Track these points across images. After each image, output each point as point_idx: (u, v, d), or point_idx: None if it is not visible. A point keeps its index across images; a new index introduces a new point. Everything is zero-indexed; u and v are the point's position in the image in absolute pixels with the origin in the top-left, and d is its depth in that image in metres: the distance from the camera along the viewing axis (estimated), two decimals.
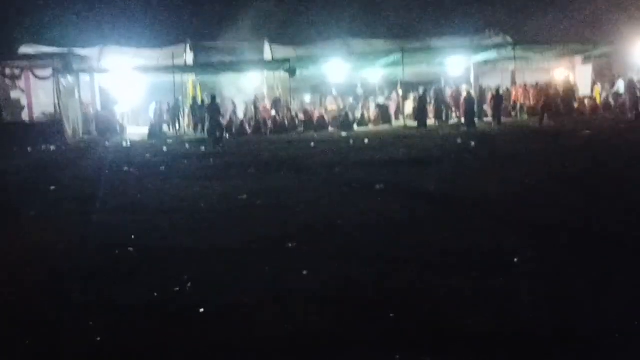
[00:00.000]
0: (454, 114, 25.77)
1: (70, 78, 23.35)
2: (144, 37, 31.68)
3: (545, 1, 35.82)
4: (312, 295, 4.51)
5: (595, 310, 3.97)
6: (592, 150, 12.81)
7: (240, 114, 25.56)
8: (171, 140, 20.90)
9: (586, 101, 24.93)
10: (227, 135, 22.70)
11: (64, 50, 24.67)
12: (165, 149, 17.83)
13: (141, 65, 24.73)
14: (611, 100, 25.09)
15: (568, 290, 4.35)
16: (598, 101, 24.99)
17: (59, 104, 21.40)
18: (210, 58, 28.32)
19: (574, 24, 34.66)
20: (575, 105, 24.30)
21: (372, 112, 25.35)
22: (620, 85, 25.01)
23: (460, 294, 4.35)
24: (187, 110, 26.20)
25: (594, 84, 26.60)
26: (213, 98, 19.62)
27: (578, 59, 27.83)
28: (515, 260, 5.04)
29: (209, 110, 19.38)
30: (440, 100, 24.78)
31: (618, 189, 8.08)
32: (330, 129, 23.80)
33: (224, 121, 23.98)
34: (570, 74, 28.13)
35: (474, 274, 4.76)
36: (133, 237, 6.57)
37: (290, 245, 5.94)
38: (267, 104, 25.98)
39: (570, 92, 23.57)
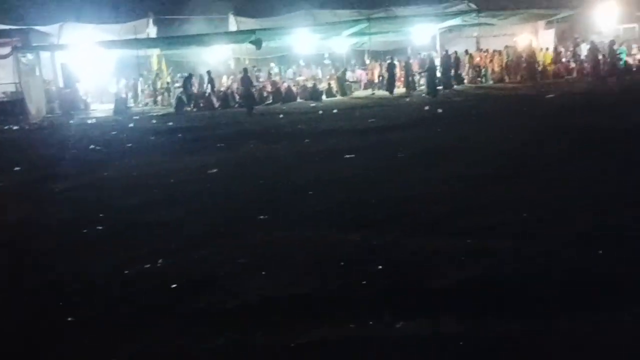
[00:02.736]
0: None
1: (30, 56, 22.73)
2: (105, 12, 30.88)
3: None
4: (290, 261, 4.61)
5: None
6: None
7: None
8: (137, 117, 20.60)
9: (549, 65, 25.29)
10: (195, 109, 22.50)
11: (23, 27, 23.97)
12: (131, 125, 17.60)
13: (103, 40, 24.17)
14: (572, 64, 25.51)
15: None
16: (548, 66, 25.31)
17: (19, 82, 20.85)
18: (175, 32, 27.88)
19: None
20: (539, 69, 24.64)
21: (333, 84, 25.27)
22: (584, 49, 25.46)
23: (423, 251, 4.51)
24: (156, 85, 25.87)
25: (555, 48, 26.99)
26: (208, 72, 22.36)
27: (541, 23, 28.14)
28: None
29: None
30: (407, 69, 24.86)
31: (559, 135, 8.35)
32: (299, 100, 23.75)
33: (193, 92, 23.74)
34: (534, 38, 28.45)
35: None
36: (101, 215, 6.54)
37: (261, 217, 6.01)
38: (235, 77, 25.75)
39: (533, 56, 23.88)
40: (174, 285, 4.25)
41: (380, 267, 4.29)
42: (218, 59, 26.88)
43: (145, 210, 6.64)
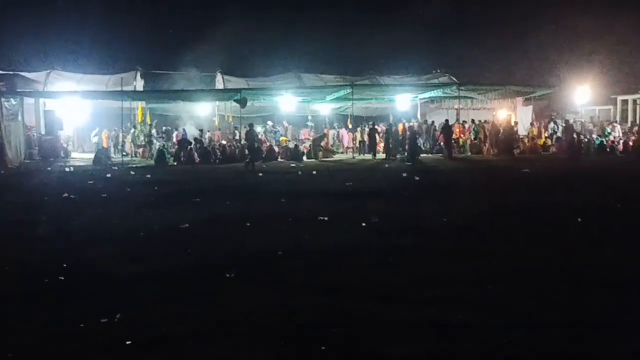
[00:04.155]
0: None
1: (14, 101, 22.78)
2: (94, 63, 31.39)
3: (490, 46, 37.49)
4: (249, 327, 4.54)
5: None
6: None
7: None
8: (117, 168, 20.55)
9: (526, 140, 25.96)
10: (175, 162, 22.55)
11: (9, 72, 24.15)
12: (109, 175, 17.52)
13: (89, 90, 24.41)
14: (548, 140, 26.24)
15: None
16: (539, 141, 26.08)
17: (0, 127, 20.78)
18: (161, 86, 28.32)
19: (517, 67, 36.38)
20: (517, 143, 25.25)
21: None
22: (554, 127, 26.38)
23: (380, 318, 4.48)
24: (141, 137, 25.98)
25: (532, 124, 27.84)
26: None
27: (520, 100, 29.07)
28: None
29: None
30: (388, 135, 25.32)
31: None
32: (280, 159, 23.93)
33: (172, 148, 23.91)
34: (512, 114, 29.32)
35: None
36: (65, 265, 6.42)
37: (228, 275, 5.95)
38: (218, 133, 26.01)
39: (511, 131, 24.54)
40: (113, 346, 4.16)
41: (335, 331, 4.25)
42: (203, 115, 27.21)
43: (108, 263, 6.54)
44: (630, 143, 23.76)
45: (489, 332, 4.27)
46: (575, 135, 22.95)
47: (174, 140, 24.72)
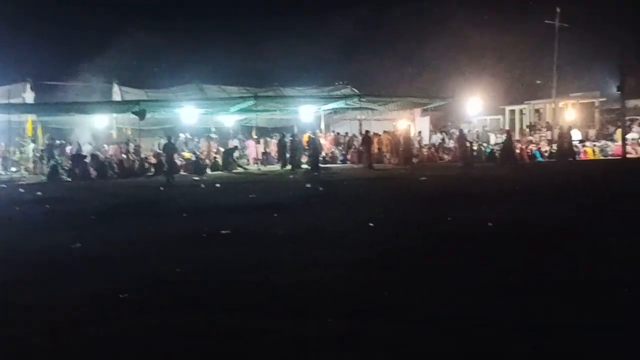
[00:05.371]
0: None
1: None
2: None
3: (391, 59, 38.85)
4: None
5: None
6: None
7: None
8: (5, 185, 19.23)
9: (424, 150, 27.06)
10: (70, 178, 21.47)
11: None
12: None
13: None
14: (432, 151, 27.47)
15: None
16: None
17: None
18: (55, 98, 26.87)
19: (415, 80, 37.95)
20: (415, 152, 26.27)
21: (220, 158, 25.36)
22: (441, 136, 28.02)
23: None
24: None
25: (432, 133, 29.17)
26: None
27: (418, 111, 30.31)
28: None
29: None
30: (294, 146, 25.49)
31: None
32: (183, 173, 23.41)
33: (66, 163, 22.78)
34: (412, 124, 30.50)
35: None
36: None
37: (121, 296, 5.71)
38: (115, 147, 25.05)
39: (409, 141, 25.48)
40: None
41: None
42: (100, 127, 26.10)
43: None
44: (518, 151, 25.34)
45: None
46: (468, 144, 24.18)
47: (68, 154, 23.53)
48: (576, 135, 28.04)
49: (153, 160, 24.17)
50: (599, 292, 5.31)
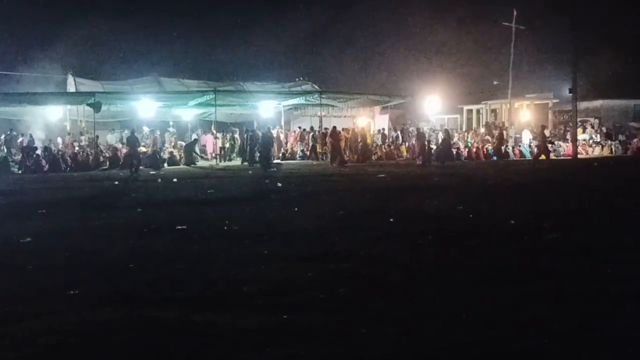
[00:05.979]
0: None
1: None
2: None
3: (351, 56, 39.09)
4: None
5: None
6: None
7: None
8: None
9: (383, 147, 27.30)
10: (21, 171, 20.85)
11: None
12: None
13: None
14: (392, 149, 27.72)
15: None
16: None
17: None
18: (5, 88, 26.06)
19: (375, 78, 38.27)
20: (374, 150, 26.48)
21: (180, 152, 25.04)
22: (395, 135, 28.45)
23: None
24: None
25: (391, 131, 29.42)
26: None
27: (377, 108, 30.55)
28: None
29: None
30: (252, 141, 25.35)
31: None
32: (140, 167, 22.98)
33: (18, 155, 22.16)
34: (372, 121, 30.74)
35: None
36: None
37: (71, 292, 5.57)
38: (69, 139, 24.43)
39: (366, 138, 25.66)
40: None
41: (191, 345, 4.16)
42: (53, 120, 25.40)
43: None
44: (474, 150, 25.84)
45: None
46: (426, 142, 24.49)
47: (19, 146, 22.82)
48: (526, 135, 28.84)
49: (108, 154, 23.68)
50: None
